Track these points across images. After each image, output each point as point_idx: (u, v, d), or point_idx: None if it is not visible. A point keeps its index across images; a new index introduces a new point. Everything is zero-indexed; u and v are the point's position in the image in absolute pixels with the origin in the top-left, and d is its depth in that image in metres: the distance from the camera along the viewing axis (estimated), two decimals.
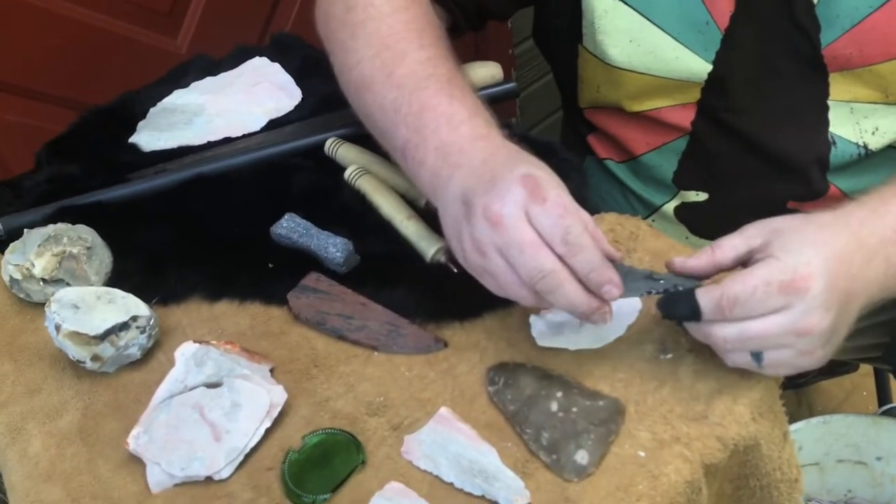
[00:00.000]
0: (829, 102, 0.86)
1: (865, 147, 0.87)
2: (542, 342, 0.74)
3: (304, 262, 0.82)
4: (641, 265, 0.79)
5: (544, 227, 0.62)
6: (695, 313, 0.64)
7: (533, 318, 0.75)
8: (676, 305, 0.66)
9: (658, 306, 0.68)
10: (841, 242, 0.64)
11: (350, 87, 0.82)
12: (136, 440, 0.70)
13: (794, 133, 0.88)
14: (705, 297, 0.64)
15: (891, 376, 1.46)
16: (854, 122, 0.87)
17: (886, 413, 1.42)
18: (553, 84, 1.09)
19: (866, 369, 1.60)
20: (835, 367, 1.48)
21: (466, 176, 0.67)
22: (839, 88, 0.85)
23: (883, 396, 1.51)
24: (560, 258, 0.62)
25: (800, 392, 1.74)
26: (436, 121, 0.72)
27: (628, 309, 0.75)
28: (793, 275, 0.61)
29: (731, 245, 0.66)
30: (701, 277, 0.67)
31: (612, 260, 0.65)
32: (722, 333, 0.64)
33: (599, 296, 0.64)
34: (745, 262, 0.66)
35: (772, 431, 0.70)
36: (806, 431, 1.15)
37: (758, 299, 0.62)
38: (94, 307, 0.76)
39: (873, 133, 0.87)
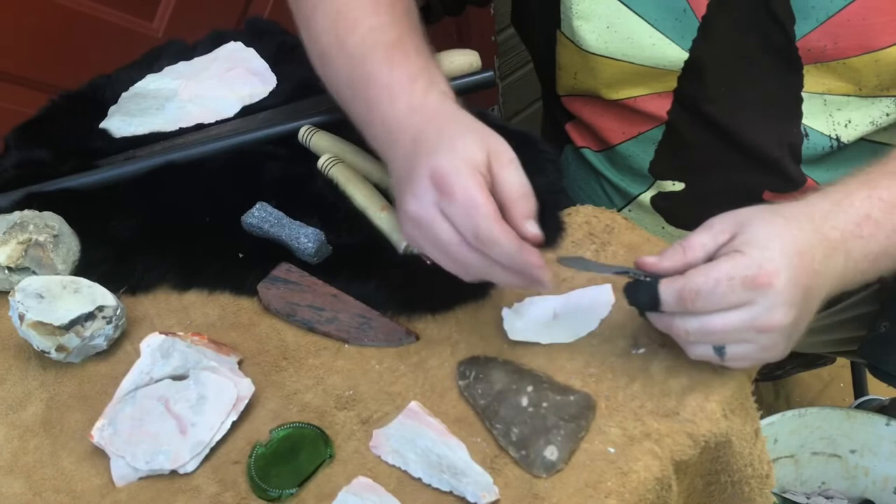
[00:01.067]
0: (803, 94, 0.85)
1: (838, 139, 0.87)
2: (514, 336, 0.73)
3: (275, 252, 0.81)
4: (616, 259, 0.78)
5: (457, 224, 0.64)
6: (655, 303, 0.64)
7: (505, 311, 0.74)
8: (638, 294, 0.66)
9: (624, 292, 0.67)
10: (805, 237, 0.63)
11: (315, 62, 0.82)
12: (100, 433, 0.69)
13: (766, 124, 0.87)
14: (667, 287, 0.63)
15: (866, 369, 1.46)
16: (827, 114, 0.86)
17: (861, 406, 1.42)
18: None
19: (843, 361, 1.61)
20: (813, 360, 1.48)
21: (400, 160, 0.69)
22: (813, 81, 0.84)
23: (859, 388, 1.51)
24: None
25: (777, 383, 1.74)
26: (378, 94, 0.72)
27: (601, 303, 0.74)
28: (757, 270, 0.61)
29: (701, 243, 0.65)
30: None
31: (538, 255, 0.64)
32: (683, 325, 0.64)
33: (528, 276, 0.65)
34: (713, 257, 0.65)
35: (743, 428, 0.69)
36: (781, 424, 1.15)
37: (720, 294, 0.61)
38: (60, 297, 0.75)
39: (846, 125, 0.86)
